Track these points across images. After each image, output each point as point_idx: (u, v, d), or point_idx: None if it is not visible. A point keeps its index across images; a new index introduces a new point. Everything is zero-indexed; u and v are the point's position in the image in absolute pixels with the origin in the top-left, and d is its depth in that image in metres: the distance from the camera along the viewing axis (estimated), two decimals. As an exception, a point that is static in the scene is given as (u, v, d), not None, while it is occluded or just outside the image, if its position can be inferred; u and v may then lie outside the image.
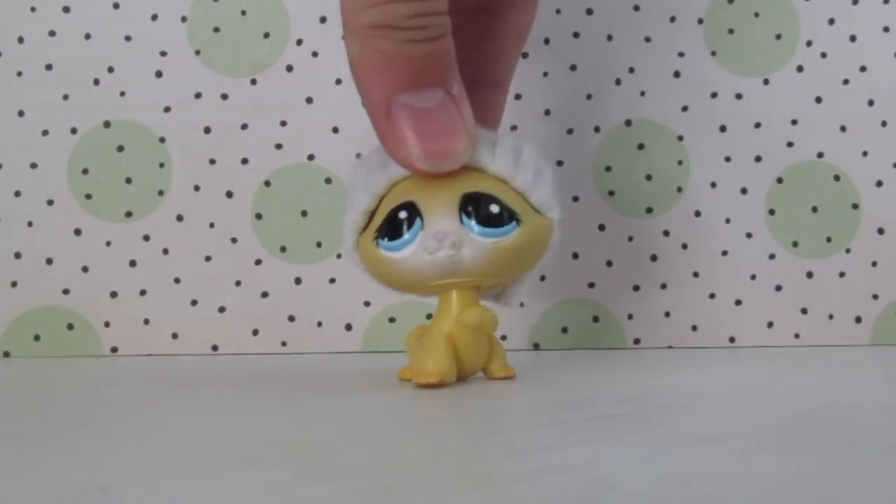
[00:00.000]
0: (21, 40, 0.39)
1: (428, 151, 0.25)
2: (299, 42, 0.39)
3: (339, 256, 0.39)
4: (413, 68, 0.25)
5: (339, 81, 0.39)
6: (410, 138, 0.25)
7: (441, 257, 0.26)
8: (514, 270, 0.28)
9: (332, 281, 0.39)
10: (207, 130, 0.39)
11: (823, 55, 0.40)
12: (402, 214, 0.26)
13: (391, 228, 0.26)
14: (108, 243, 0.39)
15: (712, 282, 0.39)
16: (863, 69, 0.39)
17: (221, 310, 0.39)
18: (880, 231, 0.39)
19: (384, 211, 0.27)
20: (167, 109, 0.39)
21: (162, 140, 0.39)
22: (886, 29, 0.40)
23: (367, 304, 0.39)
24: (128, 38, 0.39)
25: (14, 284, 0.39)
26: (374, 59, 0.25)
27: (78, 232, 0.39)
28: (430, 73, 0.25)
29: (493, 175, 0.27)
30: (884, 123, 0.39)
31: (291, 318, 0.39)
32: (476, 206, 0.26)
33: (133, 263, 0.39)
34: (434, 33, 0.25)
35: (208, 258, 0.39)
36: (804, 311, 0.39)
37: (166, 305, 0.39)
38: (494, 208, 0.26)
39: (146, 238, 0.39)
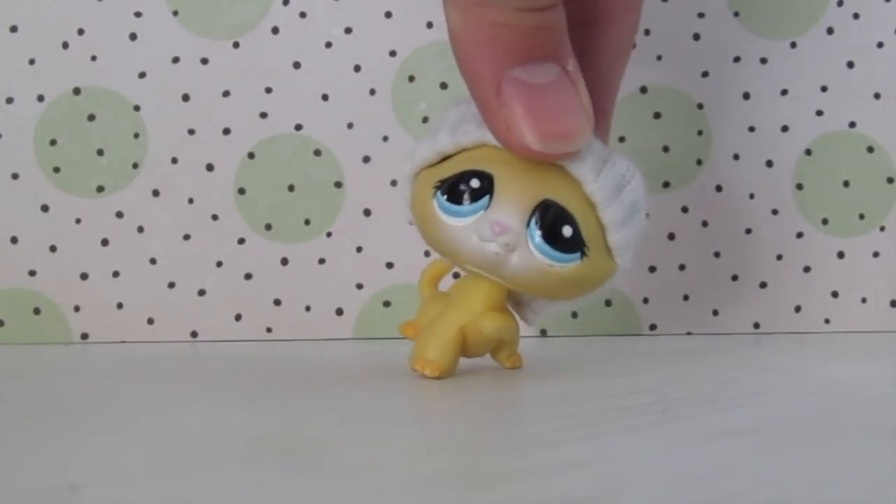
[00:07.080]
0: (-18, -1, 0.39)
1: (544, 132, 0.24)
2: (286, 2, 0.39)
3: (328, 235, 0.39)
4: (525, 40, 0.24)
5: (328, 45, 0.39)
6: (524, 118, 0.24)
7: (488, 250, 0.25)
8: (554, 297, 0.27)
9: (322, 261, 0.39)
10: (186, 98, 0.39)
11: (856, 16, 0.39)
12: (475, 183, 0.26)
13: (454, 188, 0.26)
14: (78, 220, 0.39)
15: (735, 262, 0.39)
16: (899, 31, 0.39)
17: (201, 293, 0.39)
18: (917, 207, 0.39)
19: (459, 165, 0.26)
20: (142, 75, 0.39)
21: (136, 108, 0.39)
22: (926, -13, 0.39)
23: (359, 286, 0.39)
24: (98, -3, 0.39)
25: (-24, 265, 0.39)
26: (481, 31, 0.24)
27: (45, 208, 0.39)
28: (543, 46, 0.25)
29: (584, 194, 0.26)
30: (922, 90, 0.39)
31: (277, 302, 0.39)
32: (549, 218, 0.25)
33: (105, 242, 0.39)
34: (547, 2, 0.24)
35: (187, 237, 0.39)
36: (835, 294, 0.39)
37: (141, 288, 0.39)
38: (567, 231, 0.25)
39: (119, 215, 0.39)
